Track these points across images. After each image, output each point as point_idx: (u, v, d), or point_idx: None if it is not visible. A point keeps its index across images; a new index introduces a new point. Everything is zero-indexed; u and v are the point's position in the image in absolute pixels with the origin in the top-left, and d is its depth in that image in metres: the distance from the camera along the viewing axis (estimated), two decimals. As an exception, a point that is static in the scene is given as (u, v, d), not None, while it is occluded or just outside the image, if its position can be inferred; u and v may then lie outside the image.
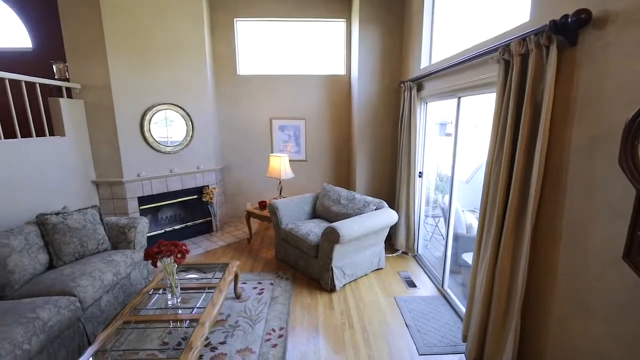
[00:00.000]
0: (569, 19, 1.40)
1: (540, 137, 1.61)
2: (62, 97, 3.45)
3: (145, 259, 2.14)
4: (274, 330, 2.57)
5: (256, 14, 4.68)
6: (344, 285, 3.25)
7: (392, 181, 4.39)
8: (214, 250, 4.19)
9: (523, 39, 1.68)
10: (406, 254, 4.00)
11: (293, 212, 3.84)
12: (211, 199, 4.53)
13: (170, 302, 2.23)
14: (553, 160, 1.66)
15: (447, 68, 2.68)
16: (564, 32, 1.47)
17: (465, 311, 2.28)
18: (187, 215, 4.64)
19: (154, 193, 4.12)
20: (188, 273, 2.72)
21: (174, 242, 2.19)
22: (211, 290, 2.41)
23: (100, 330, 2.45)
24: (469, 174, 4.61)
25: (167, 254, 2.13)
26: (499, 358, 1.93)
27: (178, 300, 2.25)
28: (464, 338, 2.30)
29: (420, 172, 3.73)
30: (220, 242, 4.45)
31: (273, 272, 3.55)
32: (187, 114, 4.24)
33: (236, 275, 2.89)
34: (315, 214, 4.04)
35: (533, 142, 1.69)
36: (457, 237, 3.48)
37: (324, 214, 3.86)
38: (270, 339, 2.47)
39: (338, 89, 4.96)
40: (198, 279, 2.61)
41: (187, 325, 2.01)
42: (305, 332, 2.58)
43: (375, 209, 3.44)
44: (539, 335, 1.79)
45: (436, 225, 4.54)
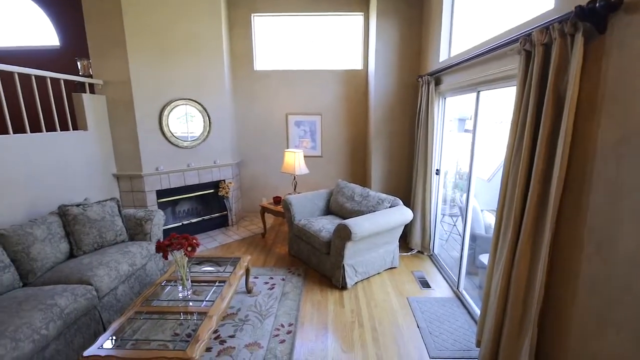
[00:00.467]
0: (597, 4, 1.28)
1: (562, 135, 1.49)
2: (85, 92, 3.58)
3: (157, 251, 2.18)
4: (282, 326, 2.57)
5: (273, 9, 4.66)
6: (355, 283, 3.21)
7: (408, 179, 4.28)
8: (229, 244, 4.25)
9: (546, 27, 1.56)
10: (421, 253, 3.90)
11: (307, 208, 3.82)
12: (227, 193, 4.59)
13: (180, 295, 2.27)
14: (576, 160, 1.52)
15: (467, 60, 2.55)
16: (592, 19, 1.34)
17: (479, 315, 2.19)
18: (203, 209, 4.73)
19: (171, 187, 4.22)
20: (202, 266, 2.76)
21: (185, 235, 2.22)
22: (222, 283, 2.43)
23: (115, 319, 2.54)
24: (491, 172, 4.42)
25: (177, 247, 2.16)
26: (513, 367, 1.83)
27: (189, 292, 2.29)
28: (478, 343, 2.20)
29: (437, 170, 3.61)
30: (235, 236, 4.51)
31: (285, 267, 3.56)
32: (204, 109, 4.31)
33: (247, 270, 2.91)
34: (329, 211, 4.01)
35: (554, 139, 1.56)
36: (475, 237, 3.35)
37: (337, 211, 3.82)
38: (278, 335, 2.47)
39: (355, 84, 4.87)
40: (210, 272, 2.65)
41: (196, 317, 2.04)
42: (314, 329, 2.57)
43: (389, 207, 3.36)
44: (558, 351, 1.67)
45: (454, 225, 4.40)
